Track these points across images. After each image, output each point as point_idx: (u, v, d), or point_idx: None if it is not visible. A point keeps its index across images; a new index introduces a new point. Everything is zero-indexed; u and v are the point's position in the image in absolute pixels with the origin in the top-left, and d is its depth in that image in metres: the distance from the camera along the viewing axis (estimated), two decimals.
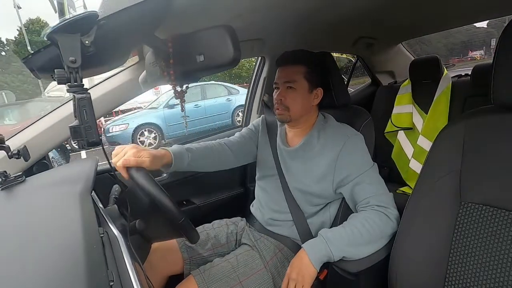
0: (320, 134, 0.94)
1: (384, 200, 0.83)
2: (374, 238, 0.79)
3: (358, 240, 0.78)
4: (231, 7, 0.81)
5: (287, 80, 0.92)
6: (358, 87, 2.37)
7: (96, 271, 0.40)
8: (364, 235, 0.78)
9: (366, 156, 0.90)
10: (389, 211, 0.82)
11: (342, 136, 0.90)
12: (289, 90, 0.93)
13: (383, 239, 0.81)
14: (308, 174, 0.93)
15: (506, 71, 0.61)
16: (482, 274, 0.60)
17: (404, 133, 1.73)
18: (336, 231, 0.81)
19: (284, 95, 0.93)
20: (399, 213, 0.83)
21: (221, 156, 1.00)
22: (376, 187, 0.85)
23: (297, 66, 0.92)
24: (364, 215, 0.82)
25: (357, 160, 0.88)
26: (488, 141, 0.65)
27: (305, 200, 0.95)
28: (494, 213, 0.61)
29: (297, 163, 0.97)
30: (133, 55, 1.00)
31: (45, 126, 0.91)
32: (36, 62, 0.57)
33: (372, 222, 0.80)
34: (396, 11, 1.22)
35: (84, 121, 0.50)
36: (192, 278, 0.87)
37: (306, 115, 0.97)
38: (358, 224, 0.80)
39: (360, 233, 0.78)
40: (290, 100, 0.92)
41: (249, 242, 1.00)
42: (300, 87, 0.92)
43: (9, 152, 0.71)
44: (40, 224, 0.52)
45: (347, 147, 0.88)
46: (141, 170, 0.72)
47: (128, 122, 6.21)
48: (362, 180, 0.86)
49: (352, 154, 0.88)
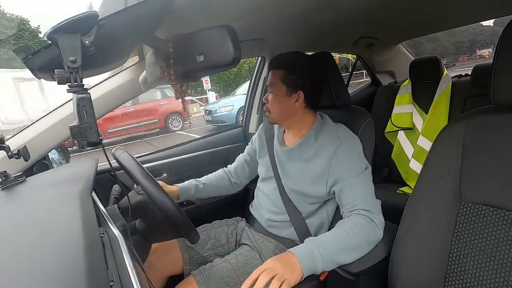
0: (318, 136, 0.94)
1: (370, 205, 0.81)
2: (361, 243, 0.75)
3: (348, 245, 0.74)
4: (232, 7, 0.82)
5: (268, 84, 0.96)
6: (358, 87, 2.37)
7: (96, 271, 0.40)
8: (353, 240, 0.74)
9: (359, 159, 0.89)
10: (375, 217, 0.79)
11: (337, 138, 0.90)
12: (270, 94, 0.96)
13: (368, 245, 0.77)
14: (303, 175, 0.93)
15: (506, 71, 0.61)
16: (482, 274, 0.60)
17: (404, 133, 1.73)
18: (325, 236, 0.76)
19: (267, 98, 0.97)
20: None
21: (225, 187, 1.18)
22: (365, 192, 0.83)
23: (277, 71, 0.94)
24: (351, 220, 0.79)
25: (350, 162, 0.87)
26: (488, 141, 0.65)
27: (301, 200, 0.95)
28: (494, 213, 0.61)
29: (293, 165, 0.97)
30: (133, 55, 1.00)
31: (45, 126, 0.91)
32: (36, 62, 0.57)
33: (360, 226, 0.76)
34: (397, 11, 1.22)
35: (84, 121, 0.50)
36: (192, 278, 0.87)
37: (292, 117, 0.96)
38: (347, 229, 0.76)
39: (350, 236, 0.74)
40: (270, 104, 0.96)
41: (249, 242, 1.00)
42: (278, 90, 0.93)
43: (9, 152, 0.71)
44: (40, 224, 0.52)
45: (341, 148, 0.87)
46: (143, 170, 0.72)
47: (233, 104, 7.35)
48: (352, 183, 0.84)
49: (345, 156, 0.87)
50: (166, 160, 1.34)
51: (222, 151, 1.50)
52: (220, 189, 1.16)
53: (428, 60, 1.68)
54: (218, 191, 1.16)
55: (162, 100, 8.37)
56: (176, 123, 8.58)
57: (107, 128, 7.53)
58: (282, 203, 0.98)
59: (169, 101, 8.25)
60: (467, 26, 1.70)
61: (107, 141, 7.58)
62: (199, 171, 1.42)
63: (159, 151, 1.38)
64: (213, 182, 1.14)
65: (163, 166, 1.33)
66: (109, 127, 7.57)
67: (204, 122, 8.38)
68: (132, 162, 0.74)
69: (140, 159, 1.31)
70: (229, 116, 7.21)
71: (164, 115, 8.37)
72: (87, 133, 0.50)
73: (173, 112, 8.42)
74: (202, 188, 1.11)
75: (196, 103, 11.40)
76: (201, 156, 1.44)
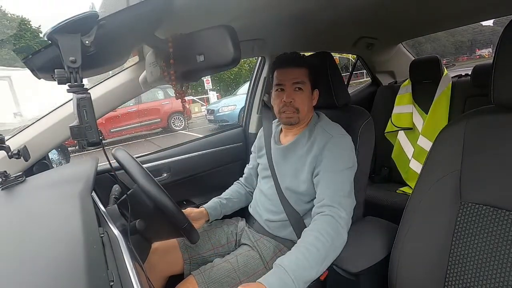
0: (311, 133, 0.95)
1: (337, 202, 0.79)
2: (329, 253, 0.72)
3: (317, 260, 0.69)
4: (232, 7, 0.81)
5: (297, 81, 0.92)
6: (358, 87, 2.37)
7: (96, 271, 0.40)
8: (322, 253, 0.70)
9: (344, 157, 0.87)
10: (340, 215, 0.77)
11: (328, 135, 0.90)
12: (297, 91, 0.93)
13: (334, 252, 0.73)
14: (297, 174, 0.94)
15: (506, 71, 0.61)
16: (482, 274, 0.60)
17: (404, 133, 1.73)
18: (292, 256, 0.70)
19: (293, 96, 0.92)
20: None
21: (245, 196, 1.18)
22: (337, 189, 0.81)
23: (302, 68, 0.94)
24: (317, 228, 0.75)
25: (334, 158, 0.86)
26: (488, 141, 0.65)
27: (297, 199, 0.95)
28: (494, 213, 0.61)
29: (287, 163, 0.98)
30: (133, 55, 1.00)
31: (45, 126, 0.91)
32: (36, 62, 0.57)
33: (325, 233, 0.73)
34: (397, 11, 1.22)
35: (84, 121, 0.50)
36: (192, 278, 0.87)
37: (309, 116, 0.99)
38: (314, 242, 0.72)
39: (318, 251, 0.70)
40: (299, 101, 0.93)
41: (249, 242, 1.00)
42: (306, 88, 0.94)
43: (9, 152, 0.71)
44: (40, 224, 0.52)
45: (329, 145, 0.88)
46: (143, 171, 0.73)
47: (236, 103, 7.39)
48: (327, 178, 0.83)
49: (331, 152, 0.87)
50: (166, 160, 1.34)
51: (222, 151, 1.50)
52: (241, 202, 1.17)
53: (428, 60, 1.68)
54: (240, 204, 1.16)
55: (164, 99, 8.41)
56: (178, 123, 8.62)
57: (110, 127, 7.57)
58: (279, 203, 0.98)
59: (171, 101, 8.28)
60: (467, 26, 1.70)
61: (110, 140, 7.64)
62: (199, 171, 1.42)
63: (159, 151, 1.38)
64: (233, 195, 1.15)
65: (163, 166, 1.33)
66: (112, 127, 7.61)
67: (205, 121, 8.47)
68: (132, 162, 0.74)
69: (140, 159, 1.31)
70: (231, 115, 7.30)
71: (167, 115, 8.40)
72: (87, 133, 0.50)
73: (176, 112, 8.45)
74: (226, 203, 1.11)
75: (197, 103, 11.46)
76: (201, 156, 1.44)
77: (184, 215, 0.72)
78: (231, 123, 7.00)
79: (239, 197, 1.16)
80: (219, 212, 1.07)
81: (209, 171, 1.45)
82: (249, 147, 1.56)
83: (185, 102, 0.75)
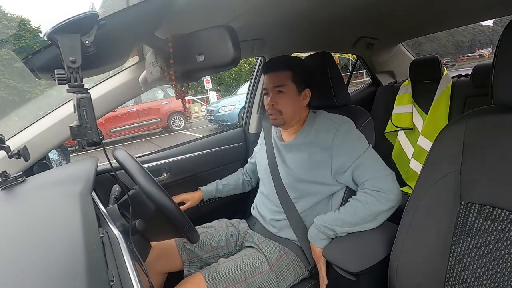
0: (312, 127, 0.97)
1: (376, 185, 0.86)
2: (368, 216, 0.85)
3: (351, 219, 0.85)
4: (232, 7, 0.82)
5: (277, 84, 0.96)
6: (358, 87, 2.37)
7: (96, 271, 0.40)
8: (358, 214, 0.85)
9: (359, 140, 0.93)
10: (382, 195, 0.85)
11: (333, 125, 0.93)
12: (279, 94, 0.96)
13: (379, 216, 0.85)
14: (304, 162, 0.95)
15: (506, 71, 0.61)
16: (482, 274, 0.60)
17: (404, 133, 1.73)
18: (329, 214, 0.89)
19: (275, 100, 0.96)
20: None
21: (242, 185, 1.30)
22: (372, 171, 0.88)
23: (283, 72, 0.96)
24: (355, 198, 0.88)
25: (351, 146, 0.90)
26: (488, 141, 0.65)
27: (303, 191, 0.96)
28: (494, 213, 0.61)
29: (293, 155, 0.99)
30: (133, 55, 1.00)
31: (45, 126, 0.91)
32: (36, 62, 0.57)
33: (364, 202, 0.85)
34: (397, 11, 1.22)
35: (84, 121, 0.50)
36: (199, 273, 0.87)
37: (298, 116, 1.00)
38: (350, 207, 0.87)
39: (354, 212, 0.85)
40: (281, 104, 0.96)
41: (253, 245, 1.00)
42: (289, 90, 0.95)
43: (9, 152, 0.71)
44: (40, 224, 0.52)
45: (339, 135, 0.91)
46: (144, 171, 0.73)
47: (236, 103, 7.51)
48: (358, 165, 0.89)
49: (345, 141, 0.91)
50: (166, 160, 1.34)
51: (222, 151, 1.50)
52: (237, 189, 1.29)
53: (428, 60, 1.68)
54: (235, 191, 1.29)
55: (164, 99, 8.42)
56: (178, 123, 8.63)
57: (110, 127, 7.58)
58: (279, 201, 0.99)
59: (171, 101, 8.29)
60: (467, 26, 1.69)
61: (109, 140, 7.64)
62: (199, 171, 1.42)
63: (159, 151, 1.38)
64: (230, 182, 1.27)
65: (163, 166, 1.33)
66: (112, 127, 7.62)
67: (205, 121, 8.49)
68: (132, 162, 0.74)
69: (140, 159, 1.31)
70: (231, 115, 7.36)
71: (166, 115, 8.42)
72: (87, 133, 0.50)
73: (175, 112, 8.46)
74: (222, 189, 1.25)
75: (197, 102, 11.47)
76: (201, 156, 1.43)
77: (185, 216, 0.72)
78: (231, 123, 7.01)
79: (235, 184, 1.28)
80: (213, 194, 1.24)
81: (209, 171, 1.45)
82: (249, 147, 1.56)
83: (185, 102, 0.75)
